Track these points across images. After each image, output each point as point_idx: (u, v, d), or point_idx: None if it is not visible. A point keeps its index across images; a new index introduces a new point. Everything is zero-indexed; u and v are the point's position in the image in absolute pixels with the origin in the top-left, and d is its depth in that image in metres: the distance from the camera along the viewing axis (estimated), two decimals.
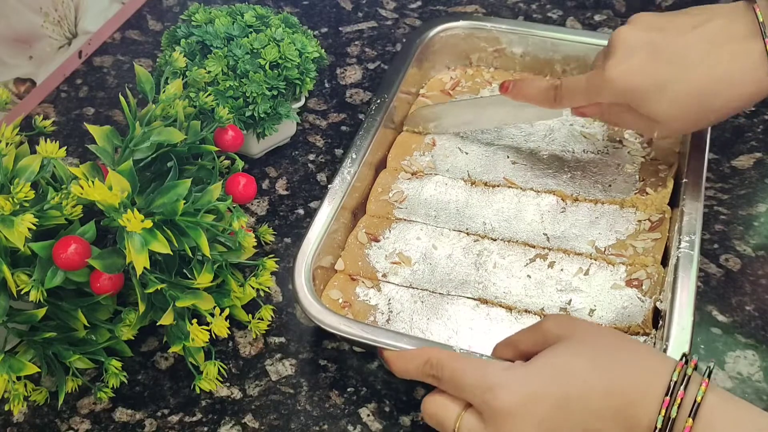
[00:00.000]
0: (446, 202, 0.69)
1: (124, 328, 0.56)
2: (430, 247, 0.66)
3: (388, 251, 0.66)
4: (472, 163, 0.72)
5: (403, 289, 0.63)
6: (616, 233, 0.65)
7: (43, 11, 0.81)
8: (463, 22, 0.79)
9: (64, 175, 0.55)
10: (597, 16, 0.89)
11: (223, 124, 0.60)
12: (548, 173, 0.70)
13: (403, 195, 0.70)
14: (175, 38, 0.69)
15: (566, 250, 0.64)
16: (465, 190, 0.69)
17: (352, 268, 0.65)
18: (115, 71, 0.88)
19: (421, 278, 0.64)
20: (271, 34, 0.68)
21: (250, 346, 0.63)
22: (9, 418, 0.59)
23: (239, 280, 0.59)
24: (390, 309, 0.62)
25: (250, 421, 0.58)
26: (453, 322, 0.61)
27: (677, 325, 0.54)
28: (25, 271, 0.51)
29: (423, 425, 0.57)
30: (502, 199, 0.68)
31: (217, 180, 0.58)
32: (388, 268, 0.65)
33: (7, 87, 0.80)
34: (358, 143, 0.69)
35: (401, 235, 0.67)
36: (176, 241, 0.51)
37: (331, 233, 0.63)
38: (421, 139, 0.75)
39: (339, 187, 0.65)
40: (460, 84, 0.80)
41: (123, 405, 0.60)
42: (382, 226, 0.67)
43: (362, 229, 0.67)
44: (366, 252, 0.66)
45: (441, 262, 0.65)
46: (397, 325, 0.61)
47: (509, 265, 0.64)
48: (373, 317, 0.62)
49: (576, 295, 0.61)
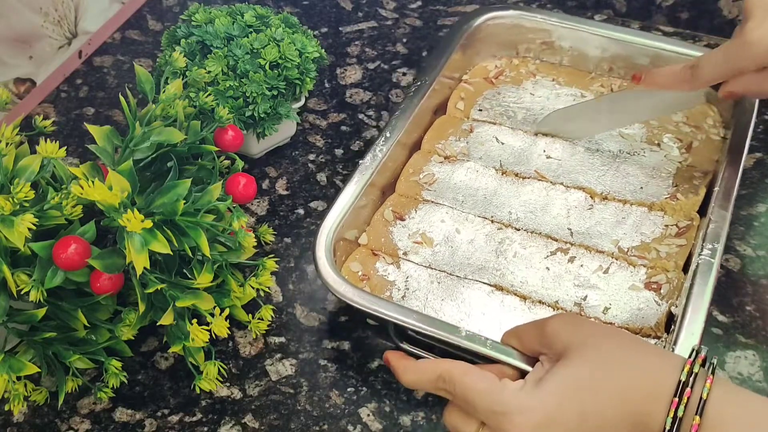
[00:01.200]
0: (475, 189, 0.69)
1: (124, 328, 0.56)
2: (453, 231, 0.66)
3: (412, 231, 0.67)
4: (506, 153, 0.72)
5: (421, 268, 0.64)
6: (642, 235, 0.65)
7: (43, 11, 0.81)
8: (512, 11, 0.79)
9: (64, 175, 0.55)
10: (597, 16, 0.89)
11: (223, 124, 0.60)
12: (580, 170, 0.70)
13: (434, 177, 0.70)
14: (175, 38, 0.69)
15: (588, 247, 0.64)
16: (495, 178, 0.70)
17: (375, 244, 0.66)
18: (115, 71, 0.88)
19: (441, 260, 0.64)
20: (271, 34, 0.68)
21: (250, 346, 0.63)
22: (9, 418, 0.59)
23: (239, 280, 0.59)
24: (407, 286, 0.63)
25: (250, 421, 0.58)
26: (466, 306, 0.61)
27: (686, 331, 0.54)
28: (25, 271, 0.51)
29: (423, 425, 0.57)
30: (531, 191, 0.68)
31: (217, 180, 0.58)
32: (410, 247, 0.65)
33: (7, 87, 0.80)
34: (393, 123, 0.69)
35: (426, 217, 0.67)
36: (176, 241, 0.51)
37: (358, 208, 0.65)
38: (458, 124, 0.75)
39: (370, 163, 0.66)
40: (504, 74, 0.80)
41: (123, 405, 0.60)
42: (409, 206, 0.68)
43: (389, 207, 0.68)
44: (390, 229, 0.67)
45: (462, 246, 0.65)
46: (412, 302, 0.62)
47: (529, 255, 0.64)
48: (389, 292, 0.63)
49: (592, 291, 0.61)
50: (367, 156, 0.66)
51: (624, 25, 0.86)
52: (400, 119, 0.70)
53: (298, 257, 0.69)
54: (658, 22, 0.89)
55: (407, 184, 0.70)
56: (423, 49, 0.88)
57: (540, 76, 0.80)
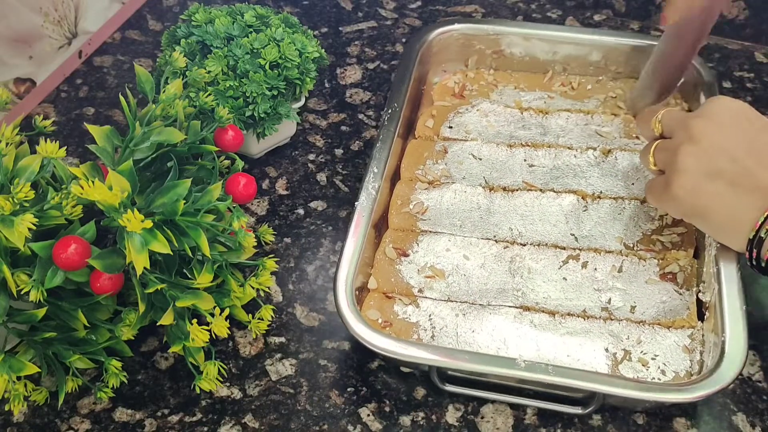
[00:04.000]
0: (468, 210, 0.68)
1: (124, 328, 0.56)
2: (461, 258, 0.64)
3: (420, 265, 0.64)
4: (487, 169, 0.71)
5: (441, 303, 0.62)
6: (640, 228, 0.65)
7: (43, 11, 0.81)
8: (458, 25, 0.79)
9: (64, 175, 0.55)
10: (597, 16, 0.89)
11: (223, 124, 0.60)
12: (567, 174, 0.70)
13: (424, 206, 0.68)
14: (175, 38, 0.69)
15: (596, 249, 0.64)
16: (485, 196, 0.68)
17: (386, 286, 0.63)
18: (115, 71, 0.88)
19: (458, 290, 0.63)
20: (271, 34, 0.68)
21: (250, 346, 0.63)
22: (9, 418, 0.59)
23: (239, 280, 0.59)
24: (432, 325, 0.61)
25: (250, 421, 0.58)
26: (499, 332, 0.60)
27: (731, 317, 0.55)
28: (25, 271, 0.51)
29: (423, 425, 0.57)
30: (524, 203, 0.68)
31: (217, 180, 0.58)
32: (423, 283, 0.63)
33: (7, 87, 0.80)
34: (377, 156, 0.67)
35: (430, 248, 0.65)
36: (176, 241, 0.51)
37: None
38: (432, 147, 0.73)
39: (366, 203, 0.64)
40: (467, 88, 0.79)
41: (123, 405, 0.60)
42: (408, 240, 0.66)
43: (389, 245, 0.65)
44: (397, 268, 0.64)
45: (475, 273, 0.64)
46: (443, 340, 0.60)
47: (543, 269, 0.63)
48: (416, 335, 0.60)
49: (614, 293, 0.61)
50: (361, 195, 0.64)
51: (591, 25, 0.87)
52: (382, 150, 0.68)
53: (298, 257, 0.69)
54: (657, 21, 0.89)
55: (400, 216, 0.68)
56: None
57: (501, 85, 0.79)
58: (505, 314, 0.61)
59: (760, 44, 0.86)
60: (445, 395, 0.59)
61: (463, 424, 0.57)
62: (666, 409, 0.57)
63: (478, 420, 0.57)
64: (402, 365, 0.60)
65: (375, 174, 0.66)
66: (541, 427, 0.57)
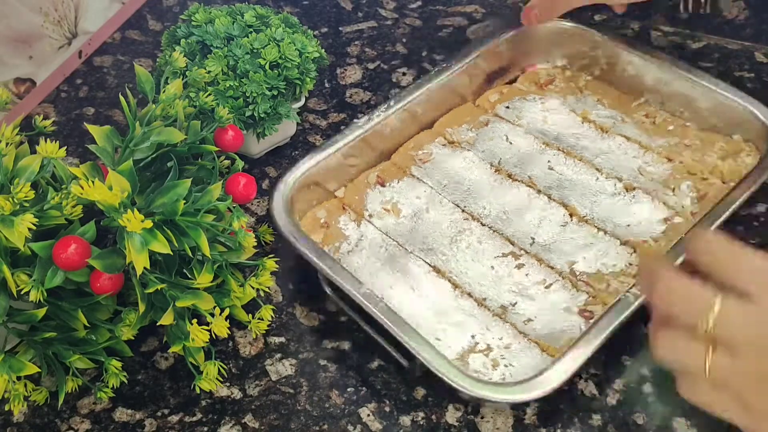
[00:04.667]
0: (463, 178, 0.71)
1: (124, 328, 0.56)
2: (423, 209, 0.69)
3: (386, 198, 0.70)
4: (509, 153, 0.73)
5: (378, 233, 0.67)
6: (602, 265, 0.63)
7: (43, 11, 0.81)
8: (589, 29, 0.79)
9: (64, 175, 0.55)
10: (597, 16, 0.89)
11: (223, 124, 0.60)
12: (575, 189, 0.69)
13: (430, 156, 0.73)
14: (175, 38, 0.69)
15: (541, 260, 0.64)
16: (487, 174, 0.71)
17: (349, 200, 0.70)
18: (115, 71, 0.88)
19: (399, 232, 0.67)
20: (271, 34, 0.68)
21: (250, 346, 0.63)
22: (9, 418, 0.59)
23: (239, 280, 0.59)
24: (357, 244, 0.66)
25: (250, 421, 0.58)
26: (399, 276, 0.63)
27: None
28: (25, 271, 0.51)
29: (423, 425, 0.57)
30: (515, 194, 0.69)
31: (217, 180, 0.58)
32: (377, 212, 0.69)
33: (7, 87, 0.80)
34: (402, 94, 0.72)
35: (405, 189, 0.70)
36: (176, 241, 0.51)
37: (347, 166, 0.69)
38: (477, 115, 0.76)
39: (363, 123, 0.70)
40: (554, 83, 0.80)
41: (123, 405, 0.60)
42: (395, 175, 0.71)
43: (376, 171, 0.72)
44: (367, 191, 0.70)
45: (424, 225, 0.67)
46: (353, 258, 0.65)
47: (480, 251, 0.65)
48: (339, 244, 0.66)
49: (524, 300, 0.62)
50: (363, 117, 0.70)
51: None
52: (411, 92, 0.72)
53: (298, 257, 0.69)
54: (657, 22, 0.89)
55: (403, 155, 0.73)
56: (423, 49, 0.88)
57: (587, 92, 0.79)
58: (418, 267, 0.64)
59: (760, 44, 0.86)
60: (446, 395, 0.59)
61: (463, 424, 0.57)
62: (665, 408, 0.57)
63: (478, 420, 0.57)
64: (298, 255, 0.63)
65: (389, 107, 0.71)
66: (541, 427, 0.57)
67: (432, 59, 0.86)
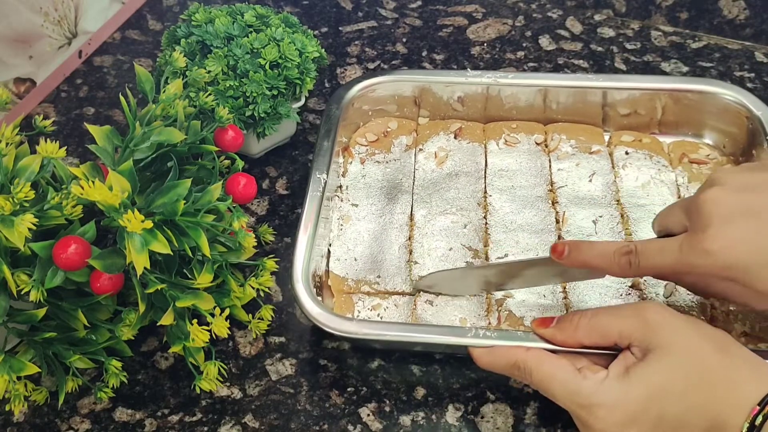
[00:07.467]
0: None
1: (124, 328, 0.56)
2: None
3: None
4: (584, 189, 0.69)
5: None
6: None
7: (43, 11, 0.81)
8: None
9: (64, 175, 0.55)
10: (597, 16, 0.89)
11: (223, 124, 0.60)
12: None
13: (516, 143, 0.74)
14: (175, 38, 0.69)
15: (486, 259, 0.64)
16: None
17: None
18: (115, 71, 0.88)
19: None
20: (271, 34, 0.68)
21: (250, 346, 0.63)
22: (9, 418, 0.59)
23: (239, 280, 0.59)
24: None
25: (250, 421, 0.58)
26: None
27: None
28: (25, 271, 0.51)
29: (423, 425, 0.57)
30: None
31: (217, 180, 0.58)
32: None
33: (7, 87, 0.80)
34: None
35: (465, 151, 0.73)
36: (176, 241, 0.51)
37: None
38: (602, 142, 0.73)
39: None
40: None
41: (123, 405, 0.60)
42: (478, 139, 0.75)
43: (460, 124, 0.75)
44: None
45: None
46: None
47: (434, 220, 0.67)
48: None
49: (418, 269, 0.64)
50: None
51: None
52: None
53: None
54: (657, 21, 0.89)
55: (495, 127, 0.75)
56: (423, 49, 0.88)
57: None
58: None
59: (760, 44, 0.86)
60: (445, 395, 0.59)
61: (463, 424, 0.57)
62: None
63: (478, 420, 0.58)
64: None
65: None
66: (541, 427, 0.57)
67: (432, 59, 0.86)
